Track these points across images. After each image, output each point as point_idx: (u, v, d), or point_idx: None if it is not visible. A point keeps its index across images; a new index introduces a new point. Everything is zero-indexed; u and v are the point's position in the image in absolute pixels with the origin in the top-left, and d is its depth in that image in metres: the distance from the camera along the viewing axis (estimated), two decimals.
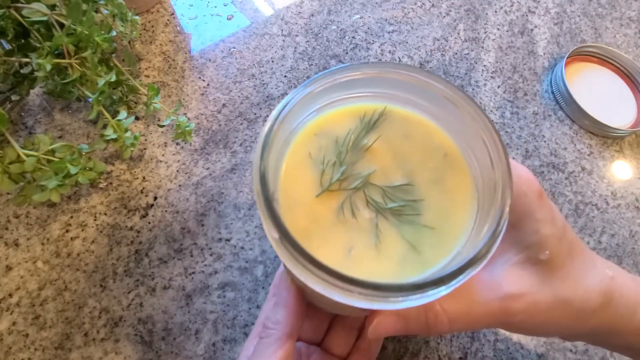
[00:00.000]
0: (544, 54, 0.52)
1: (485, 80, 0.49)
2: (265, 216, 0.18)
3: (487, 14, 0.54)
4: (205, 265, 0.36)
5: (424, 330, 0.22)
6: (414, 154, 0.22)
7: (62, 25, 0.32)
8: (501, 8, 0.55)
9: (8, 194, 0.37)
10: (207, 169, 0.40)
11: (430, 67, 0.49)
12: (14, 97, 0.37)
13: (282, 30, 0.50)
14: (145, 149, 0.41)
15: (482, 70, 0.50)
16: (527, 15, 0.55)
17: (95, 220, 0.37)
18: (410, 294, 0.17)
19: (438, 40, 0.51)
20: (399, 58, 0.49)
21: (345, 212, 0.21)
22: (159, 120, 0.42)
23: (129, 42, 0.42)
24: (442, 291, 0.17)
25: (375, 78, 0.21)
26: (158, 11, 0.49)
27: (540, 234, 0.22)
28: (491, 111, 0.47)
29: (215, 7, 0.51)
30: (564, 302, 0.22)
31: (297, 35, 0.49)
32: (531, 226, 0.23)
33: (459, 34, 0.52)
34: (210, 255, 0.36)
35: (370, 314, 0.22)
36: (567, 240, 0.23)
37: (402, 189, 0.21)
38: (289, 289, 0.23)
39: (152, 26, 0.48)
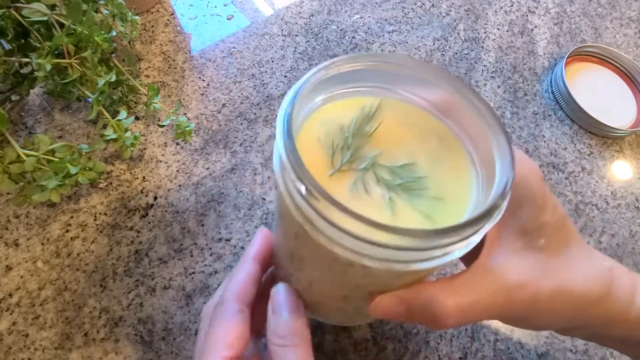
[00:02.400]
0: (544, 54, 0.52)
1: (485, 80, 0.49)
2: (290, 167, 0.18)
3: (487, 14, 0.54)
4: (205, 265, 0.36)
5: (429, 322, 0.22)
6: (412, 138, 0.24)
7: (62, 25, 0.32)
8: (501, 8, 0.55)
9: (8, 194, 0.37)
10: (207, 169, 0.40)
11: None
12: (14, 97, 0.37)
13: (282, 30, 0.50)
14: (145, 149, 0.41)
15: (482, 70, 0.50)
16: (527, 15, 0.55)
17: (95, 220, 0.37)
18: (431, 242, 0.18)
19: (438, 40, 0.51)
20: None
21: (358, 189, 0.22)
22: (159, 120, 0.42)
23: (129, 42, 0.42)
24: (461, 248, 0.19)
25: (372, 70, 0.23)
26: (158, 11, 0.49)
27: (539, 220, 0.22)
28: None
29: (215, 7, 0.51)
30: (565, 291, 0.22)
31: (297, 35, 0.49)
32: (531, 212, 0.23)
33: (459, 34, 0.52)
34: (210, 255, 0.36)
35: (372, 295, 0.22)
36: (566, 229, 0.23)
37: (407, 168, 0.23)
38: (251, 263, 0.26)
39: (152, 26, 0.48)
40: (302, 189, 0.18)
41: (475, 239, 0.19)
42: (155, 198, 0.38)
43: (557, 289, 0.22)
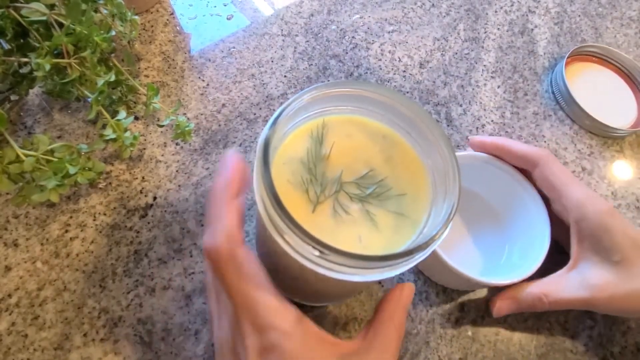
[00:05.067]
0: (544, 53, 0.52)
1: (486, 80, 0.49)
2: (274, 211, 0.21)
3: (487, 13, 0.54)
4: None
5: (530, 309, 0.33)
6: (361, 144, 0.27)
7: (61, 25, 0.32)
8: (501, 8, 0.55)
9: (7, 194, 0.37)
10: (207, 169, 0.40)
11: (430, 67, 0.49)
12: (13, 97, 0.37)
13: (282, 30, 0.50)
14: (144, 149, 0.41)
15: (482, 70, 0.50)
16: (527, 15, 0.55)
17: (94, 220, 0.37)
18: (402, 260, 0.21)
19: (438, 40, 0.51)
20: (399, 58, 0.49)
21: (339, 212, 0.25)
22: (158, 120, 0.42)
23: (129, 42, 0.42)
24: (422, 256, 0.22)
25: (314, 100, 0.25)
26: (157, 11, 0.49)
27: (613, 241, 0.31)
28: (491, 111, 0.47)
29: (215, 7, 0.51)
30: (636, 293, 0.31)
31: (297, 35, 0.49)
32: (605, 236, 0.32)
33: (459, 33, 0.52)
34: None
35: (491, 301, 0.35)
36: (637, 246, 0.31)
37: (368, 176, 0.26)
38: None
39: (152, 26, 0.48)
40: (315, 252, 0.21)
41: (411, 265, 0.22)
42: (155, 198, 0.38)
43: (630, 291, 0.31)
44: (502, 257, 0.37)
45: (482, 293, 0.37)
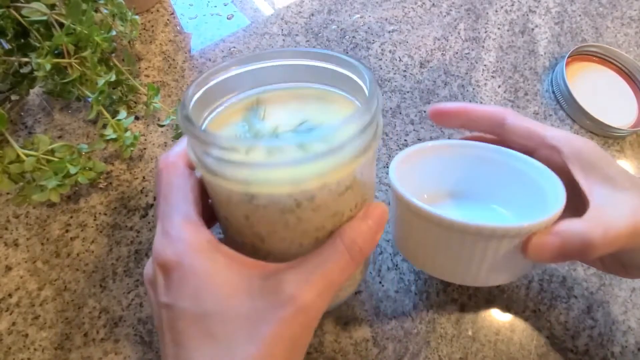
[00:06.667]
0: (545, 53, 0.52)
1: (486, 80, 0.49)
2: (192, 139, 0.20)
3: (487, 13, 0.54)
4: None
5: (580, 252, 0.25)
6: (297, 106, 0.27)
7: (61, 25, 0.32)
8: (502, 7, 0.55)
9: (8, 193, 0.37)
10: None
11: (431, 67, 0.49)
12: (13, 97, 0.37)
13: (282, 29, 0.50)
14: (145, 148, 0.41)
15: (483, 69, 0.50)
16: (527, 15, 0.55)
17: (95, 220, 0.37)
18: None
19: (438, 39, 0.51)
20: (399, 58, 0.49)
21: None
22: (158, 120, 0.42)
23: (129, 42, 0.42)
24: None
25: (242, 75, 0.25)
26: (158, 11, 0.49)
27: (618, 169, 0.28)
28: None
29: (215, 6, 0.51)
30: None
31: (297, 35, 0.49)
32: (611, 166, 0.28)
33: (459, 33, 0.52)
34: None
35: (525, 239, 0.26)
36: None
37: (303, 125, 0.25)
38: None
39: (152, 26, 0.48)
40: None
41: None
42: (155, 198, 0.38)
43: None
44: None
45: (484, 292, 0.37)
